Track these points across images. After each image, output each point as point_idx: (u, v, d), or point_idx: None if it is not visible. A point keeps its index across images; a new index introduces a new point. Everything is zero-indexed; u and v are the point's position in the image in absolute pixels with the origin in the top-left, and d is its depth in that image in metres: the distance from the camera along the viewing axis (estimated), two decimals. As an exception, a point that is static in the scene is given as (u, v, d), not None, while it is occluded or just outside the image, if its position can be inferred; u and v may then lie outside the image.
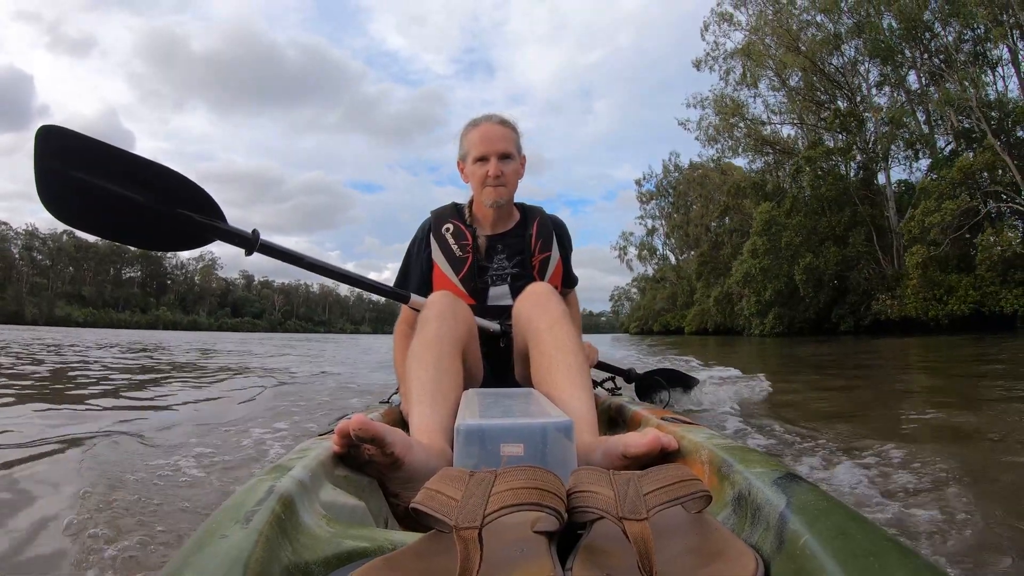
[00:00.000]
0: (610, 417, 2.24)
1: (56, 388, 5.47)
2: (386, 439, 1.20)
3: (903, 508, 1.81)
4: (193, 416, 3.87)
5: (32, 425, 3.35)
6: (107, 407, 4.22)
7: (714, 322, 47.11)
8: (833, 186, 34.49)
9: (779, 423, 3.35)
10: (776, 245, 34.62)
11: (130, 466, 2.43)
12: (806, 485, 0.90)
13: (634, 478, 0.85)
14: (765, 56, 38.30)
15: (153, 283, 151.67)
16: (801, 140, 40.44)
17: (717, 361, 8.74)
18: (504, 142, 2.40)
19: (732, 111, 42.05)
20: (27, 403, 4.30)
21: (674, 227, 63.76)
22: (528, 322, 1.92)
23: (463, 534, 0.71)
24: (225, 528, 0.77)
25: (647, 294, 73.61)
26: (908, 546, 0.69)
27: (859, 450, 2.66)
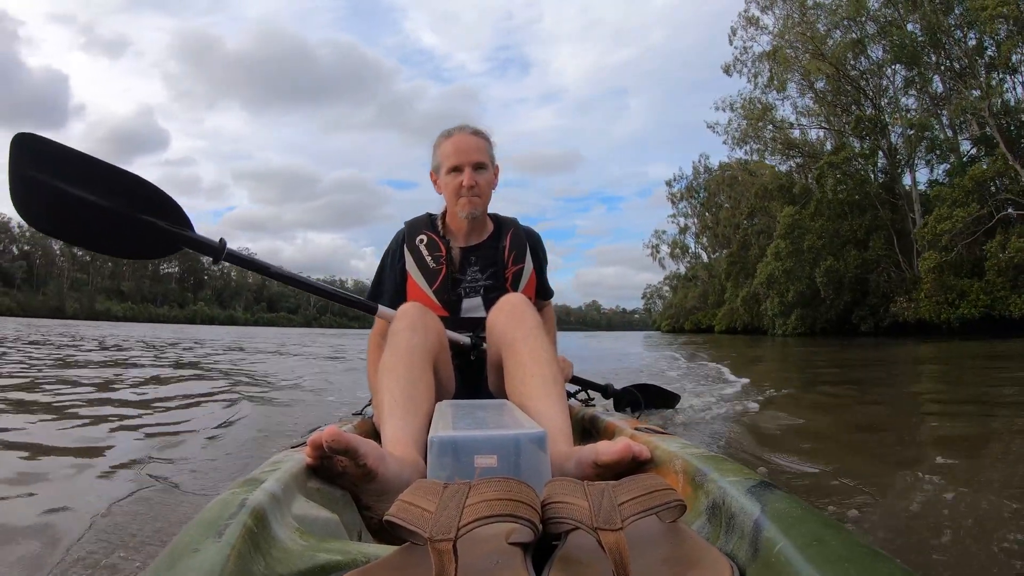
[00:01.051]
0: (584, 428, 2.24)
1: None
2: (359, 450, 1.20)
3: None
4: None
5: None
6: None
7: (742, 321, 47.30)
8: (855, 190, 34.98)
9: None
10: (799, 248, 35.29)
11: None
12: (780, 493, 0.91)
13: (608, 488, 0.85)
14: (792, 61, 38.59)
15: (191, 278, 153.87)
16: (830, 142, 40.74)
17: (735, 369, 8.69)
18: (478, 152, 2.39)
19: (759, 116, 42.47)
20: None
21: (705, 227, 63.70)
22: (502, 333, 1.92)
23: (437, 546, 0.71)
24: (197, 542, 0.76)
25: (679, 292, 73.33)
26: (882, 552, 0.70)
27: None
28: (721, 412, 4.35)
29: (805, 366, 10.41)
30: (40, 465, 2.63)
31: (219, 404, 4.72)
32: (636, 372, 8.57)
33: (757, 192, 46.02)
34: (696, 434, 3.56)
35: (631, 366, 9.98)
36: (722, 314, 52.41)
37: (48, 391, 5.25)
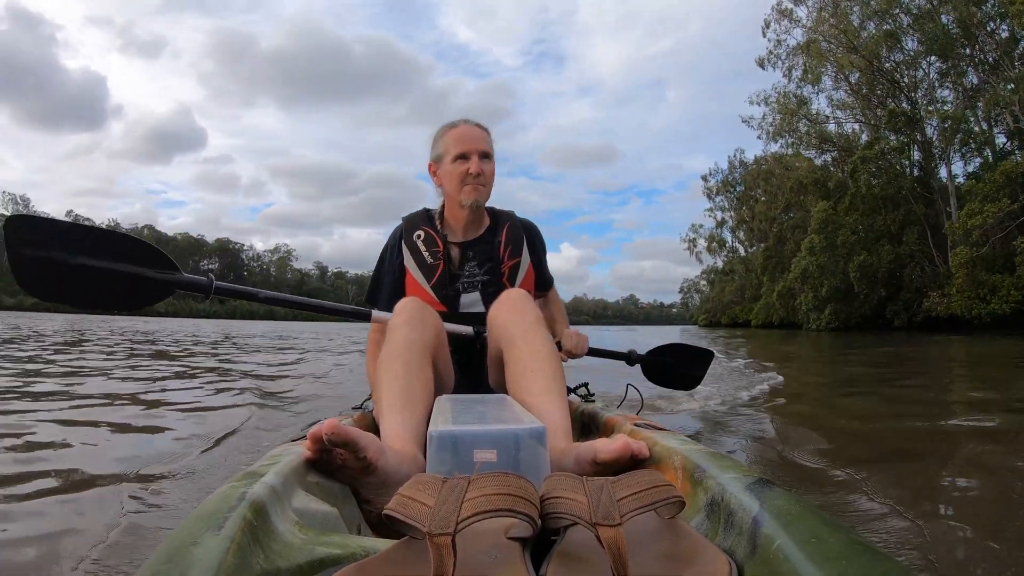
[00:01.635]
0: (584, 423, 2.24)
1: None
2: (359, 443, 1.19)
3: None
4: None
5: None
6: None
7: (778, 316, 47.15)
8: (889, 184, 35.11)
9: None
10: (833, 243, 35.52)
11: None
12: (779, 490, 0.91)
13: (607, 484, 0.85)
14: (826, 55, 38.51)
15: (231, 274, 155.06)
16: (865, 135, 40.65)
17: (761, 366, 8.63)
18: (483, 142, 2.39)
19: (793, 111, 42.55)
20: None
21: (741, 220, 63.38)
22: (503, 328, 1.91)
23: (436, 540, 0.71)
24: (196, 535, 0.76)
25: (716, 287, 72.91)
26: (880, 549, 0.70)
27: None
28: (739, 410, 4.33)
29: (834, 362, 10.33)
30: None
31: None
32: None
33: (792, 186, 45.96)
34: (713, 429, 3.57)
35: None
36: (758, 308, 52.35)
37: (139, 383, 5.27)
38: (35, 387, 5.02)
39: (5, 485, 2.23)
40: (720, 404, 4.62)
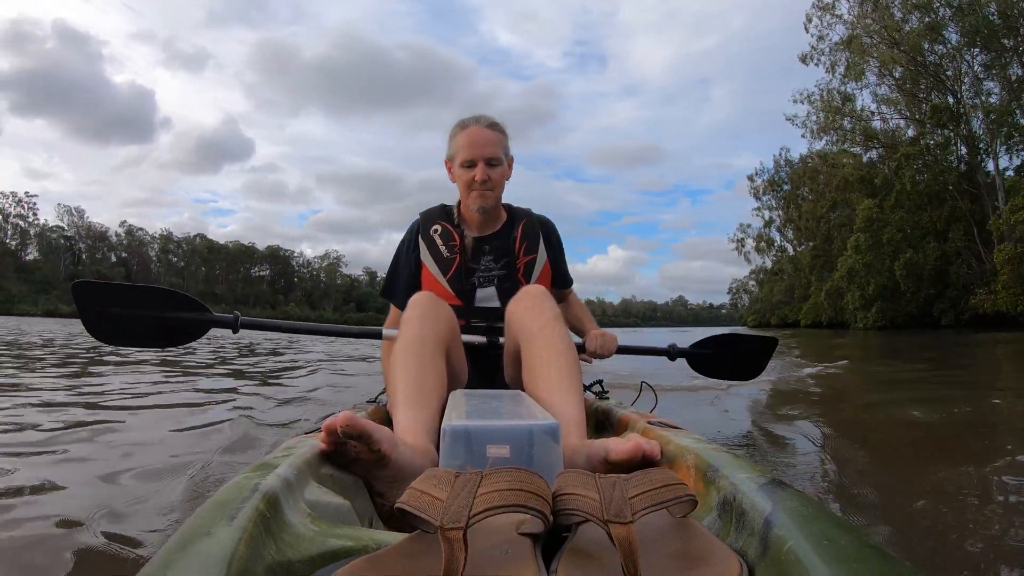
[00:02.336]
0: (598, 420, 2.24)
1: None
2: (373, 436, 1.20)
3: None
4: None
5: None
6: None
7: (827, 316, 46.69)
8: (934, 181, 34.87)
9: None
10: (878, 241, 35.36)
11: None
12: (791, 491, 0.90)
13: (620, 481, 0.85)
14: (868, 50, 38.24)
15: (281, 280, 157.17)
16: (911, 130, 40.20)
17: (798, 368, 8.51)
18: (492, 146, 2.37)
19: (836, 109, 42.31)
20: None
21: (789, 219, 62.33)
22: (520, 324, 1.91)
23: (448, 535, 0.71)
24: (209, 525, 0.76)
25: (765, 286, 71.86)
26: (892, 554, 0.70)
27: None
28: (762, 409, 4.29)
29: (873, 359, 10.19)
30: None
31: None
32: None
33: (838, 184, 45.49)
34: (730, 429, 3.54)
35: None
36: (807, 308, 51.92)
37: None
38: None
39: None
40: (745, 402, 4.59)
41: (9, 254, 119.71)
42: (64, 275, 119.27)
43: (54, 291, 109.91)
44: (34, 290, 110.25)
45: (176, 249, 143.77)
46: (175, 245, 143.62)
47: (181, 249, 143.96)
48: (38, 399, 4.18)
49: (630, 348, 2.99)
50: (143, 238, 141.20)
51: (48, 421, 3.33)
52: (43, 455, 2.60)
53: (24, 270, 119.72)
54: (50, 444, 2.79)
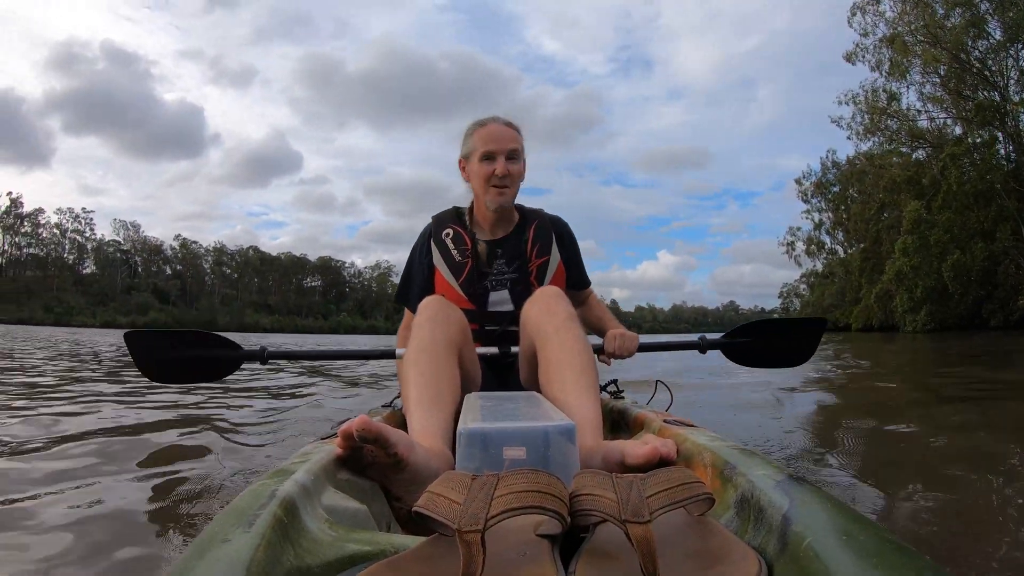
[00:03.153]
0: (613, 420, 2.24)
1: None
2: (389, 439, 1.20)
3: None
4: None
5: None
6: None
7: (877, 319, 46.22)
8: (981, 181, 34.49)
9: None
10: (925, 243, 35.11)
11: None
12: (809, 487, 0.90)
13: (637, 481, 0.85)
14: (911, 48, 38.06)
15: (333, 291, 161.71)
16: (958, 128, 39.87)
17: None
18: (512, 141, 2.36)
19: (882, 109, 42.20)
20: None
21: (839, 222, 61.59)
22: (535, 325, 1.90)
23: (466, 537, 0.71)
24: (227, 532, 0.77)
25: (815, 290, 70.00)
26: (912, 548, 0.69)
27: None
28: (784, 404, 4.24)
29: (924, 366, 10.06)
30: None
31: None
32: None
33: (885, 185, 44.88)
34: (747, 426, 3.52)
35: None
36: (857, 312, 51.11)
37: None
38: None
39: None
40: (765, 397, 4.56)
41: (67, 268, 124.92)
42: (120, 287, 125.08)
43: (111, 303, 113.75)
44: (92, 302, 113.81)
45: (229, 261, 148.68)
46: (228, 257, 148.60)
47: (234, 261, 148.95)
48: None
49: (654, 345, 2.89)
50: (197, 251, 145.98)
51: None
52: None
53: (82, 283, 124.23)
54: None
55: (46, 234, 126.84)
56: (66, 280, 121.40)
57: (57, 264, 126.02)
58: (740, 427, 3.60)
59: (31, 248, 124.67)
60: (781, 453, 2.79)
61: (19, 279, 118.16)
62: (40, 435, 3.27)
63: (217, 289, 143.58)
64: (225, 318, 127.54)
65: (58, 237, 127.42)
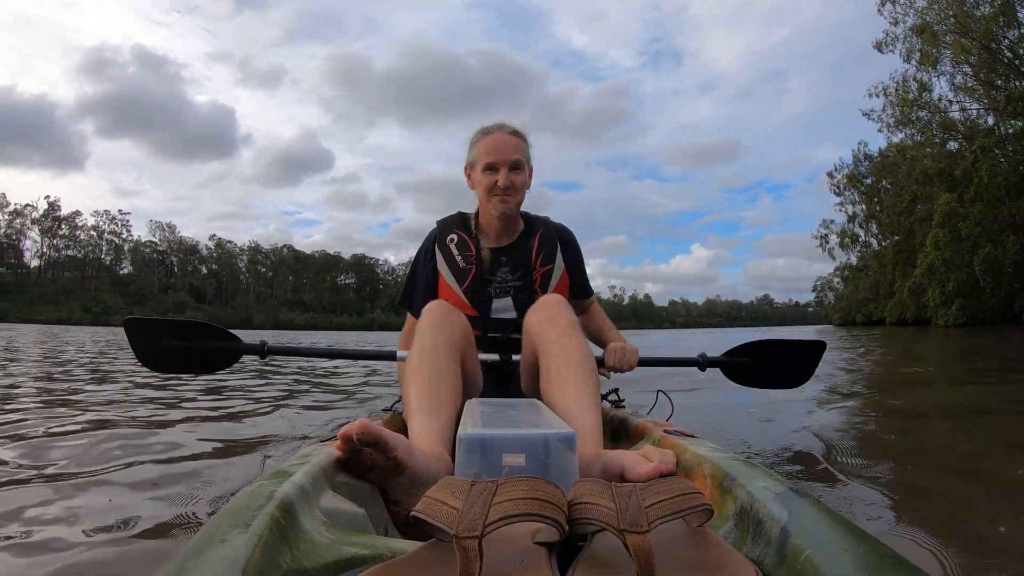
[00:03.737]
0: (613, 429, 2.23)
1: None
2: (389, 443, 1.20)
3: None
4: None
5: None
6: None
7: (911, 313, 45.88)
8: (1012, 172, 34.59)
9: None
10: (957, 236, 35.15)
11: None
12: (808, 500, 0.90)
13: (636, 490, 0.85)
14: (940, 38, 38.03)
15: (367, 288, 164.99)
16: (990, 119, 39.81)
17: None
18: (516, 152, 2.37)
19: (911, 101, 42.22)
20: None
21: (872, 214, 61.21)
22: (538, 333, 1.90)
23: (463, 543, 0.71)
24: (224, 533, 0.77)
25: (850, 283, 70.20)
26: (911, 563, 0.69)
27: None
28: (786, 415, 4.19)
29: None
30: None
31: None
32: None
33: (917, 178, 45.01)
34: (748, 437, 3.49)
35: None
36: (891, 305, 51.10)
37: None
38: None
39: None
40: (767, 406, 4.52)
41: (104, 269, 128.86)
42: (158, 287, 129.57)
43: (149, 302, 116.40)
44: (129, 302, 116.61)
45: (264, 260, 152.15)
46: (263, 256, 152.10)
47: (269, 260, 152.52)
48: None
49: (654, 360, 2.87)
50: (232, 250, 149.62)
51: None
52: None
53: (120, 283, 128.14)
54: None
55: (83, 236, 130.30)
56: (103, 280, 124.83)
57: (94, 265, 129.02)
58: (745, 431, 3.58)
59: (69, 250, 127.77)
60: (782, 464, 2.78)
61: (58, 280, 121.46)
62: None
63: (252, 287, 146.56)
64: (260, 316, 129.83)
65: (95, 239, 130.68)
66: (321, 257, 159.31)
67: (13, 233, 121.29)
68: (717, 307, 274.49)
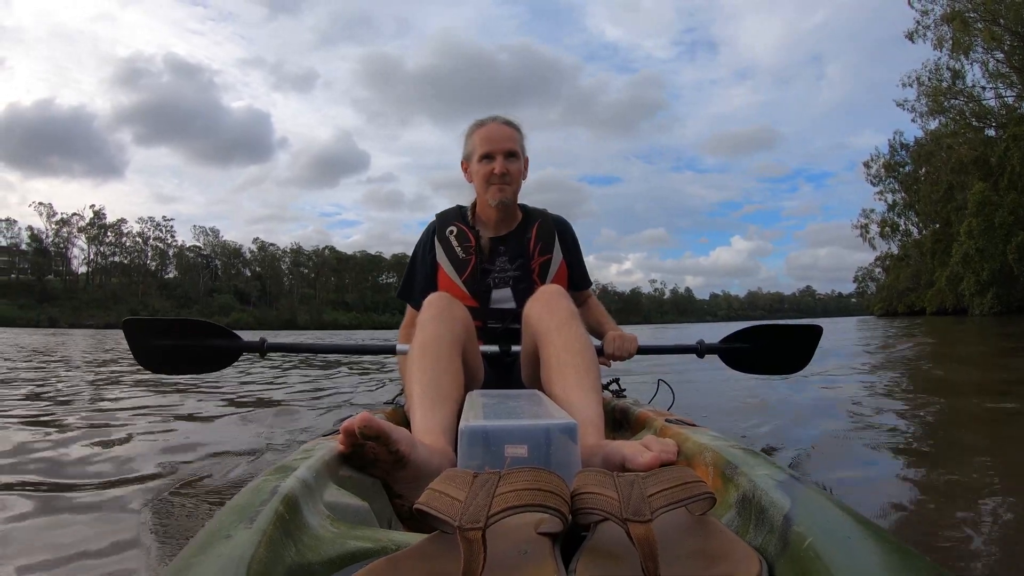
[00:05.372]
0: (615, 419, 2.24)
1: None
2: (391, 436, 1.20)
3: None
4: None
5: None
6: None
7: (950, 302, 45.76)
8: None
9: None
10: (990, 225, 35.44)
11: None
12: (811, 487, 0.90)
13: (638, 480, 0.85)
14: (971, 26, 38.02)
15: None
16: (1023, 105, 39.71)
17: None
18: (510, 141, 2.39)
19: (944, 91, 42.35)
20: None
21: (909, 204, 60.89)
22: (537, 323, 1.90)
23: (467, 535, 0.71)
24: (229, 528, 0.77)
25: (891, 273, 68.97)
26: (913, 550, 0.69)
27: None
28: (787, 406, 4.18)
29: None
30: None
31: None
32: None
33: (953, 167, 44.95)
34: (747, 425, 3.50)
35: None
36: (931, 295, 50.94)
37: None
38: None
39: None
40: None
41: (150, 274, 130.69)
42: (203, 290, 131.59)
43: (195, 305, 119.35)
44: (176, 305, 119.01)
45: (306, 262, 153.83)
46: (305, 258, 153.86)
47: (311, 261, 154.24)
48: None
49: (653, 348, 2.88)
50: (275, 253, 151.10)
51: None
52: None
53: (166, 288, 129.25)
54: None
55: (129, 242, 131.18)
56: (150, 285, 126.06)
57: (140, 271, 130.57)
58: (747, 419, 3.58)
59: (115, 256, 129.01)
60: (784, 452, 2.78)
61: (105, 286, 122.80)
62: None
63: (296, 289, 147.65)
64: (304, 317, 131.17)
65: (140, 245, 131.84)
66: (362, 257, 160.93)
67: (61, 241, 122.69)
68: (759, 299, 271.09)
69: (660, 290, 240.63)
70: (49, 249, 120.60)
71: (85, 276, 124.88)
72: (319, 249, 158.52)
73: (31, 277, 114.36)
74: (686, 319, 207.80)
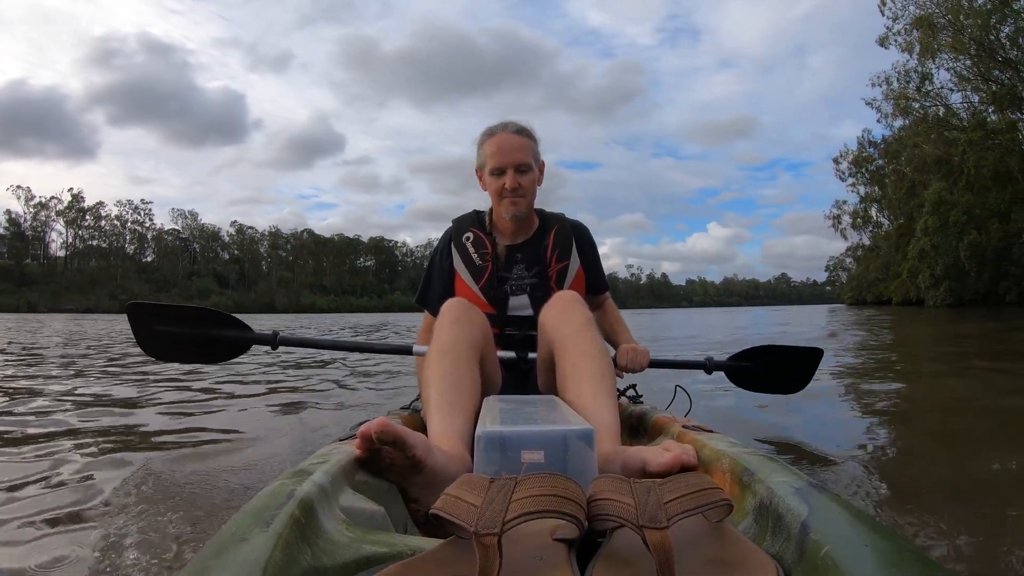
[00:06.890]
0: (632, 425, 2.23)
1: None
2: (408, 441, 1.20)
3: None
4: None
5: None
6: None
7: (912, 293, 47.24)
8: (999, 164, 36.28)
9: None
10: (945, 223, 37.66)
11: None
12: (828, 495, 0.89)
13: (655, 486, 0.85)
14: (937, 31, 38.74)
15: (386, 270, 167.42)
16: (989, 109, 40.61)
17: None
18: (521, 153, 2.36)
19: (908, 95, 43.64)
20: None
21: (873, 199, 62.90)
22: (553, 329, 1.90)
23: (483, 540, 0.71)
24: (245, 531, 0.77)
25: (861, 263, 70.64)
26: (932, 560, 0.69)
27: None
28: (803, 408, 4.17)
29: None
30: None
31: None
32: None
33: (916, 165, 46.54)
34: (767, 432, 3.47)
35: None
36: (895, 286, 52.63)
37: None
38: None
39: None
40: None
41: (129, 257, 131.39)
42: (181, 274, 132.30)
43: (173, 289, 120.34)
44: (154, 289, 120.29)
45: (284, 244, 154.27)
46: (283, 241, 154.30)
47: (289, 244, 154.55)
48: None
49: (663, 362, 2.94)
50: (253, 236, 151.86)
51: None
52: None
53: (144, 271, 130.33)
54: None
55: (107, 226, 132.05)
56: (129, 269, 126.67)
57: (119, 254, 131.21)
58: (764, 427, 3.55)
59: (94, 240, 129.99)
60: (802, 459, 2.76)
61: (84, 270, 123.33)
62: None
63: (274, 272, 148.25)
64: (283, 300, 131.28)
65: (119, 228, 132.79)
66: (340, 240, 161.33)
67: (39, 225, 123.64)
68: (734, 286, 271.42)
69: (637, 275, 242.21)
70: (27, 233, 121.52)
71: (64, 260, 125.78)
72: (297, 232, 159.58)
73: (9, 262, 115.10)
74: (662, 304, 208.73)
